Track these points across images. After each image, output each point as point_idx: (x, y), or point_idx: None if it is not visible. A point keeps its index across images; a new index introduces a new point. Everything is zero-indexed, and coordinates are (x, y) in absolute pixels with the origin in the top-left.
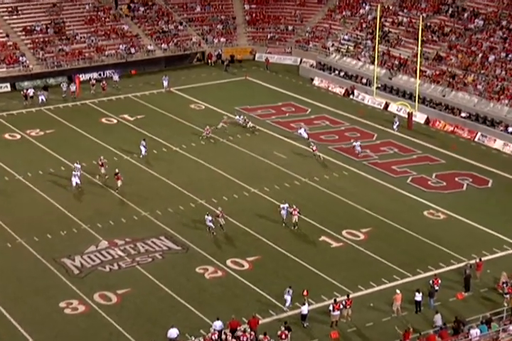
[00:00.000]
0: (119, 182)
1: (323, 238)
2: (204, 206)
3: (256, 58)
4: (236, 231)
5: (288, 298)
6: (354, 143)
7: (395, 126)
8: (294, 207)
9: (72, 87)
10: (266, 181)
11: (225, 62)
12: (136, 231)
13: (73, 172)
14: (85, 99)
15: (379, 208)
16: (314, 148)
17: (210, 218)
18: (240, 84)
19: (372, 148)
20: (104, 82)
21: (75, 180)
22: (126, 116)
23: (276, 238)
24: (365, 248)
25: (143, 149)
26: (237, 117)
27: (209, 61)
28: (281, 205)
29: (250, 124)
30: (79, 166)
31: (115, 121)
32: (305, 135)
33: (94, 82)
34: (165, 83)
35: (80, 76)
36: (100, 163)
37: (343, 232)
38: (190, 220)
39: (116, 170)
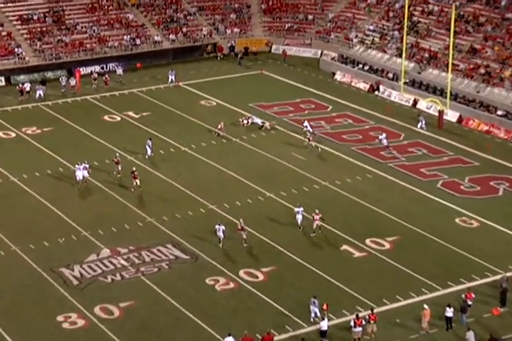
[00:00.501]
0: (136, 181)
1: (344, 247)
2: (215, 212)
3: (272, 50)
4: (250, 240)
5: (315, 309)
6: (380, 136)
7: (419, 125)
8: (317, 211)
9: (72, 82)
10: (282, 184)
11: (238, 55)
12: (140, 239)
13: (77, 166)
14: (86, 95)
15: (406, 215)
16: (311, 138)
17: (222, 228)
18: (254, 79)
19: (399, 149)
20: (106, 76)
21: (81, 174)
22: (130, 113)
23: (293, 247)
24: (391, 258)
25: (149, 149)
26: (255, 119)
27: (218, 54)
28: (296, 209)
29: (267, 125)
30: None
31: (119, 118)
32: (309, 128)
33: (96, 75)
34: (171, 77)
35: (81, 69)
36: (116, 160)
37: (367, 241)
38: (199, 227)
39: (133, 169)
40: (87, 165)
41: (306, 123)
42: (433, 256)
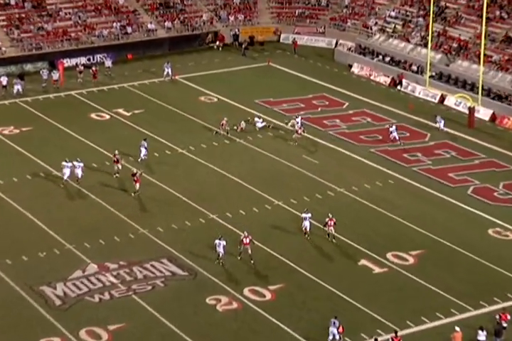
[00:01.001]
0: (137, 185)
1: (363, 262)
2: (216, 222)
3: (281, 40)
4: (256, 254)
5: (334, 330)
6: (390, 129)
7: (438, 127)
8: (330, 216)
9: (55, 75)
10: (293, 191)
11: (242, 45)
12: (132, 253)
13: (64, 163)
14: (71, 90)
15: (432, 225)
16: (300, 130)
17: (223, 243)
18: (261, 72)
19: (425, 151)
20: (95, 68)
21: (69, 172)
22: (120, 110)
23: (304, 262)
24: (416, 274)
25: (143, 151)
26: (257, 119)
27: (218, 44)
28: (303, 215)
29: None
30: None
31: (107, 116)
32: (299, 125)
33: (81, 68)
34: (167, 71)
35: (64, 61)
36: (115, 158)
37: (388, 255)
38: (199, 239)
39: (134, 170)
40: (82, 164)
41: (298, 120)
42: (463, 272)
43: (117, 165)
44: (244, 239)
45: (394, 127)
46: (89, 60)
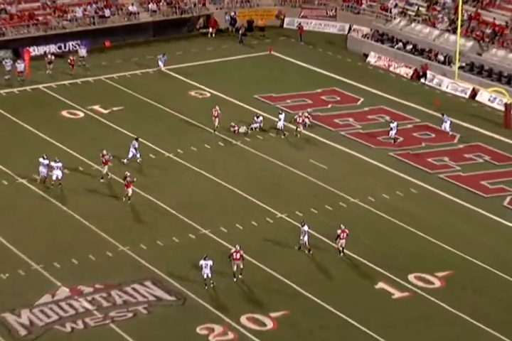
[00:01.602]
0: (128, 191)
1: (380, 285)
2: (209, 238)
3: (285, 25)
4: (254, 275)
5: None
6: (391, 125)
7: (443, 127)
8: (343, 227)
9: (20, 66)
10: (298, 202)
11: (240, 31)
12: (110, 274)
13: (41, 160)
14: (38, 83)
15: (462, 242)
16: (300, 120)
17: (210, 263)
18: (261, 62)
19: (454, 155)
20: (72, 57)
21: (46, 171)
22: (97, 107)
23: (312, 284)
24: (442, 299)
25: (131, 152)
26: (255, 119)
27: (210, 30)
28: (302, 227)
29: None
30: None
31: (81, 114)
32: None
33: (52, 58)
34: (160, 64)
35: (31, 49)
36: (103, 159)
37: (410, 277)
38: (188, 258)
39: (127, 173)
40: (60, 164)
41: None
42: (500, 297)
43: (106, 167)
44: (234, 254)
45: (395, 123)
46: (60, 48)
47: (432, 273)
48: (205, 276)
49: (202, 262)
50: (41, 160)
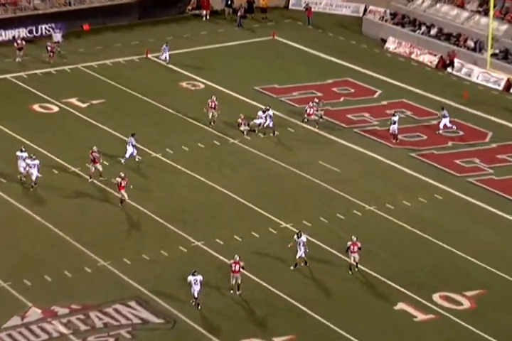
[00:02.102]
0: (124, 193)
1: (400, 306)
2: (202, 251)
3: (290, 5)
4: (255, 293)
5: None
6: (392, 117)
7: (443, 125)
8: (354, 239)
9: None
10: (306, 210)
11: (238, 12)
12: (88, 293)
13: (19, 154)
14: (6, 72)
15: (495, 256)
16: (310, 111)
17: (200, 278)
18: (263, 49)
19: (485, 156)
20: (51, 43)
21: (24, 165)
22: (73, 100)
23: (321, 305)
24: (472, 322)
25: (130, 149)
26: (260, 114)
27: (204, 12)
28: (298, 239)
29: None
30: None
31: (56, 108)
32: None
33: (22, 43)
34: (165, 55)
35: None
36: (92, 156)
37: (435, 296)
38: (178, 274)
39: (122, 174)
40: (37, 162)
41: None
42: None
43: (95, 165)
44: (233, 266)
45: (397, 117)
46: (30, 32)
47: (460, 293)
48: (195, 294)
49: (190, 278)
50: (18, 153)
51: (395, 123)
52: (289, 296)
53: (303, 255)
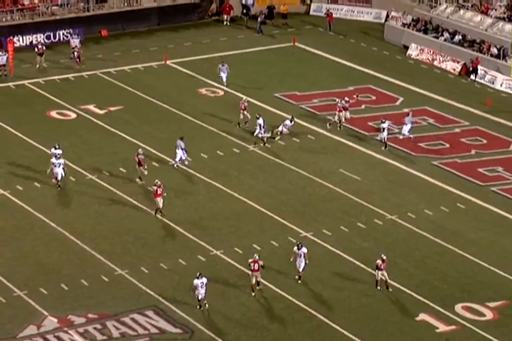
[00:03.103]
0: (160, 201)
1: (422, 316)
2: (221, 260)
3: (311, 11)
4: (275, 304)
5: None
6: (382, 125)
7: (404, 131)
8: (384, 257)
9: (2, 58)
10: (326, 219)
11: (258, 19)
12: (105, 302)
13: (53, 150)
14: (23, 79)
15: None
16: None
17: (204, 281)
18: (283, 55)
19: (508, 164)
20: (76, 47)
21: (59, 172)
22: (91, 107)
23: (340, 315)
24: (495, 334)
25: (179, 153)
26: (287, 123)
27: (225, 17)
28: (298, 250)
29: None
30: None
31: (73, 115)
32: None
33: (42, 48)
34: (223, 75)
35: (15, 39)
36: (137, 159)
37: (457, 307)
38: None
39: (158, 182)
40: (62, 161)
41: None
42: None
43: (140, 168)
44: (252, 264)
45: (387, 123)
46: (48, 37)
47: (483, 304)
48: (199, 297)
49: (197, 281)
50: (53, 150)
51: (383, 130)
52: (309, 306)
53: (300, 269)
